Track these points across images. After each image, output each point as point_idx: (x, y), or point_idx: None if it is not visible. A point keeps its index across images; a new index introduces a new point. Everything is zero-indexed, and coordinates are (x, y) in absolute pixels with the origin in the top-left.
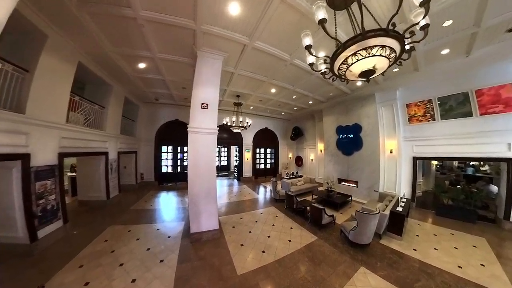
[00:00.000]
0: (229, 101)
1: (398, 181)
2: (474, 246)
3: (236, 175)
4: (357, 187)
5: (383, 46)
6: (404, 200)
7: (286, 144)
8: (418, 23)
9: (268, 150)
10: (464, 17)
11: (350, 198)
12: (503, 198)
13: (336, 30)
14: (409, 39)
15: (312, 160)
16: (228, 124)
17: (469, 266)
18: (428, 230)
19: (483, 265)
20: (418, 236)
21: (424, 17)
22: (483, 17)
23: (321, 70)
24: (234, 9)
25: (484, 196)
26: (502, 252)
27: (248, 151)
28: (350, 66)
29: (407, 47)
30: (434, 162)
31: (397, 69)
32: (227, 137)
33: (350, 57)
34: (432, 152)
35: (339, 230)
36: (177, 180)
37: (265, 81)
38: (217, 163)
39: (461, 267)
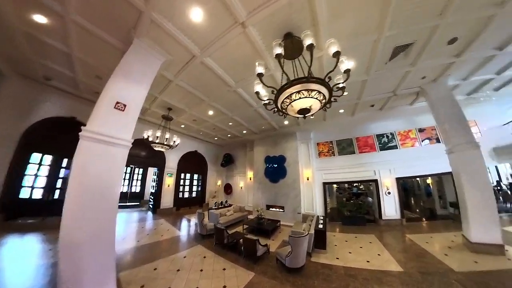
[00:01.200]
0: (157, 112)
1: (314, 203)
2: (370, 242)
3: (151, 206)
4: (284, 211)
5: (319, 92)
6: (322, 218)
7: (215, 171)
8: (339, 83)
9: (195, 177)
10: (353, 92)
11: (278, 223)
12: (376, 205)
13: (283, 72)
14: (333, 93)
15: (241, 187)
16: (150, 139)
17: (372, 259)
18: (341, 239)
19: (379, 255)
20: (336, 245)
21: (344, 81)
22: (362, 96)
23: (264, 101)
24: (196, 15)
25: (366, 205)
26: (384, 241)
27: (171, 176)
28: (293, 101)
29: (332, 98)
30: (335, 186)
31: (313, 117)
32: (145, 155)
33: (294, 94)
34: (334, 178)
35: (275, 258)
36: (49, 213)
37: (204, 101)
38: (124, 189)
39: (369, 261)
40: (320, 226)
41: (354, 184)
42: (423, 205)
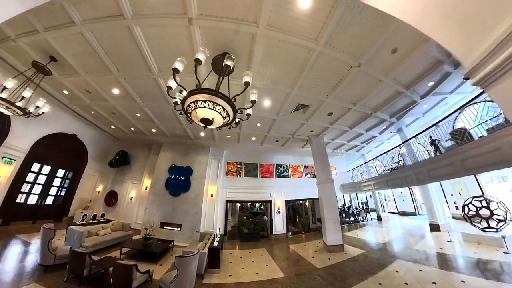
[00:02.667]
0: (27, 53)
1: (215, 220)
2: (261, 255)
3: None
4: (180, 229)
5: (224, 108)
6: (219, 235)
7: (98, 170)
8: (246, 109)
9: (61, 173)
10: (265, 126)
11: (172, 243)
12: (269, 222)
13: (196, 77)
14: (239, 116)
15: (132, 198)
16: None
17: (261, 270)
18: (237, 255)
19: (267, 265)
20: (231, 263)
21: (250, 108)
22: (271, 131)
23: (175, 99)
24: None
25: (262, 223)
26: (273, 253)
27: (9, 162)
28: (197, 108)
29: (236, 120)
30: (238, 204)
31: (228, 136)
32: None
33: (200, 101)
34: (237, 197)
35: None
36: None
37: (113, 74)
38: None
39: (258, 273)
40: (216, 243)
41: (256, 204)
42: (302, 221)
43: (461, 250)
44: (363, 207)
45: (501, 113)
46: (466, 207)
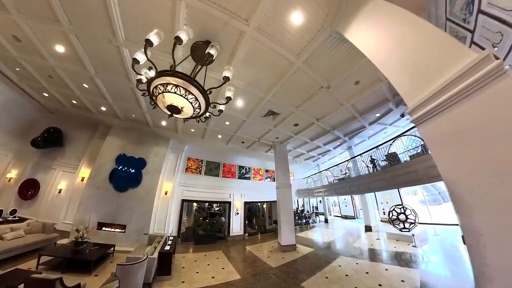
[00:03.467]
0: None
1: (167, 221)
2: (217, 258)
3: None
4: (125, 232)
5: (196, 98)
6: (172, 238)
7: (12, 150)
8: (220, 104)
9: None
10: (233, 126)
11: (112, 248)
12: (226, 223)
13: (172, 56)
14: (210, 110)
15: (60, 191)
16: None
17: (217, 274)
18: (191, 259)
19: (223, 268)
20: (184, 268)
21: (223, 104)
22: (238, 131)
23: (140, 75)
24: None
25: (219, 224)
26: (229, 255)
27: None
28: (166, 92)
29: (207, 114)
30: (195, 204)
31: (193, 130)
32: None
33: (172, 85)
34: (194, 196)
35: None
36: None
37: (62, 26)
38: None
39: (214, 277)
40: (167, 247)
41: (214, 204)
42: (259, 222)
43: (385, 246)
44: (313, 210)
45: (420, 145)
46: (390, 212)
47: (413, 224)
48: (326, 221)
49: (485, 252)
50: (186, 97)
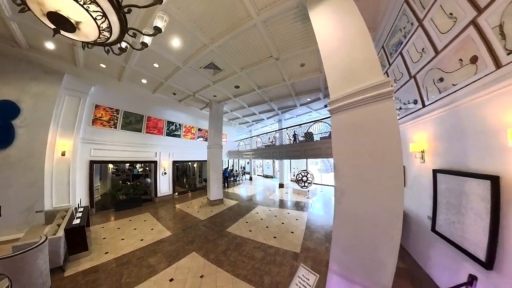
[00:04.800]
0: None
1: (72, 190)
2: (145, 221)
3: None
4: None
5: (105, 15)
6: (81, 209)
7: None
8: (143, 34)
9: None
10: (164, 71)
11: None
12: (153, 184)
13: None
14: (128, 39)
15: None
16: None
17: (146, 235)
18: (113, 228)
19: (152, 229)
20: (105, 238)
21: (149, 36)
22: (170, 79)
23: None
24: None
25: (143, 186)
26: (158, 215)
27: None
28: None
29: (123, 44)
30: (111, 166)
31: (104, 66)
32: None
33: None
34: (109, 156)
35: None
36: None
37: None
38: None
39: (143, 239)
40: (77, 221)
41: (137, 165)
42: (189, 181)
43: (290, 197)
44: (241, 170)
45: (329, 131)
46: (298, 175)
47: (310, 184)
48: (250, 179)
49: (343, 200)
50: (86, 6)
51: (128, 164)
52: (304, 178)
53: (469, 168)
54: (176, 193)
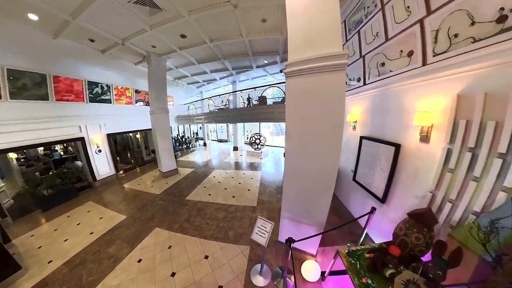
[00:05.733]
0: None
1: None
2: (88, 211)
3: None
4: None
5: None
6: None
7: None
8: None
9: None
10: (69, 3)
11: None
12: (86, 167)
13: None
14: None
15: None
16: None
17: (95, 227)
18: (47, 232)
19: (101, 218)
20: (41, 247)
21: None
22: (81, 15)
23: None
24: None
25: (73, 172)
26: (104, 201)
27: None
28: None
29: None
30: (13, 156)
31: None
32: None
33: None
34: (3, 143)
35: None
36: None
37: None
38: None
39: (92, 232)
40: None
41: (58, 147)
42: (135, 155)
43: (245, 159)
44: (194, 136)
45: (282, 97)
46: (251, 138)
47: (262, 146)
48: (204, 144)
49: (292, 159)
50: None
51: (42, 149)
52: (257, 141)
53: (384, 137)
54: (121, 172)
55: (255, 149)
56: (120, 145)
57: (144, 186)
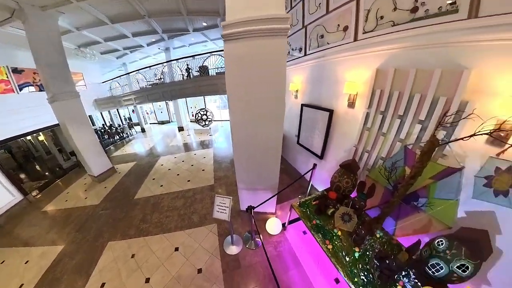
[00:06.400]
0: None
1: None
2: (2, 262)
3: None
4: None
5: None
6: None
7: None
8: None
9: None
10: None
11: None
12: None
13: None
14: None
15: None
16: None
17: (24, 274)
18: None
19: (27, 261)
20: None
21: None
22: None
23: None
24: None
25: None
26: (25, 240)
27: None
28: None
29: None
30: None
31: None
32: None
33: None
34: None
35: None
36: None
37: None
38: None
39: (23, 284)
40: None
41: None
42: (47, 165)
43: (194, 139)
44: (128, 123)
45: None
46: (197, 114)
47: (211, 122)
48: (143, 130)
49: (237, 131)
50: None
51: None
52: (204, 117)
53: (321, 104)
54: (34, 193)
55: (203, 126)
56: (18, 156)
57: (75, 201)
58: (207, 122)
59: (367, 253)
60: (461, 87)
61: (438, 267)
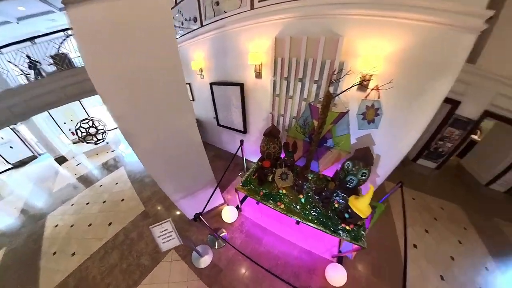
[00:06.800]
0: None
1: None
2: None
3: None
4: None
5: None
6: None
7: None
8: None
9: None
10: None
11: None
12: None
13: None
14: None
15: None
16: None
17: None
18: None
19: None
20: None
21: None
22: None
23: None
24: None
25: None
26: None
27: None
28: None
29: None
30: None
31: None
32: None
33: None
34: None
35: None
36: None
37: None
38: None
39: None
40: None
41: None
42: None
43: (90, 165)
44: None
45: None
46: (78, 130)
47: (104, 133)
48: None
49: (136, 140)
50: None
51: None
52: (92, 130)
53: (230, 80)
54: None
55: (95, 143)
56: None
57: None
58: (99, 136)
59: (309, 194)
60: (338, 51)
61: (351, 180)
